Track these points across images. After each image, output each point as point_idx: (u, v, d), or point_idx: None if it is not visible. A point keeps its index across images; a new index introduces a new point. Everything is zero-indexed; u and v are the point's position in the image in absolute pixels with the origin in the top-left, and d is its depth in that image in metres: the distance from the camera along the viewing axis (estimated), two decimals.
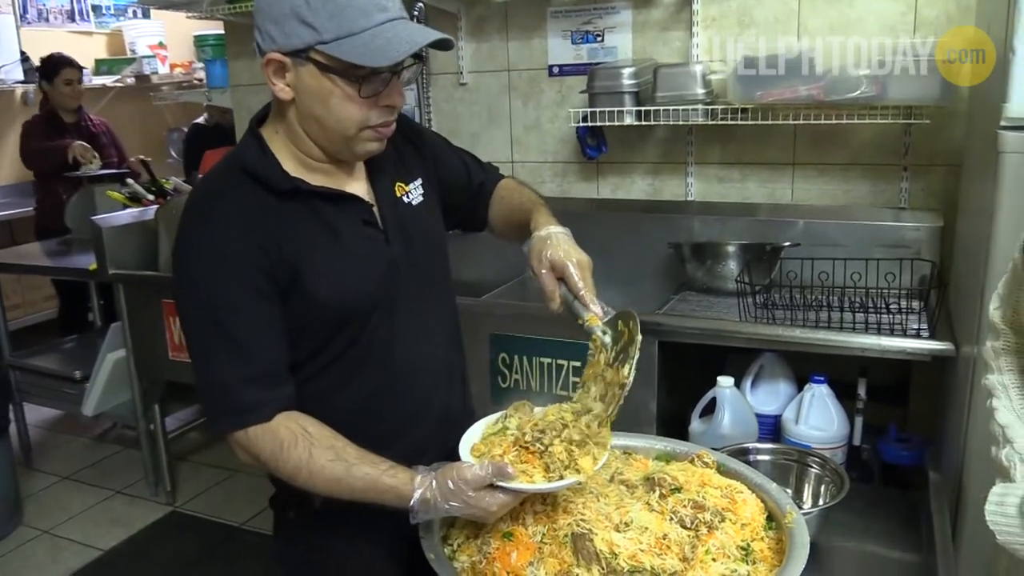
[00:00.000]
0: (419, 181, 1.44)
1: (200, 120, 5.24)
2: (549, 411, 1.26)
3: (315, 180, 1.29)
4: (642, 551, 1.13)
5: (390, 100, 1.23)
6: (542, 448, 1.16)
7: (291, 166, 1.28)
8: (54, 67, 4.69)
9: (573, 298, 1.30)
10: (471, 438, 1.26)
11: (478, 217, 1.61)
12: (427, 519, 1.17)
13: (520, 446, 1.17)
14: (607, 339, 1.26)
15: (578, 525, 1.16)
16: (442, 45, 1.22)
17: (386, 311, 1.32)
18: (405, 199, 1.40)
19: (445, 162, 1.54)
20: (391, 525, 1.24)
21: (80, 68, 4.84)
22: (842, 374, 2.18)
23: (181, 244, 1.25)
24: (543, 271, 1.32)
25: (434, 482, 1.14)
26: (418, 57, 1.22)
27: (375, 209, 1.34)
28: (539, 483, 1.13)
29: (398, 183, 1.40)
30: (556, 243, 1.34)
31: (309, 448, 1.19)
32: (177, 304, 1.26)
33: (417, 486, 1.14)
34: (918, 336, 2.01)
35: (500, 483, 1.11)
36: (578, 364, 2.30)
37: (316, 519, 1.37)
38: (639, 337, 1.20)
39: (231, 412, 1.22)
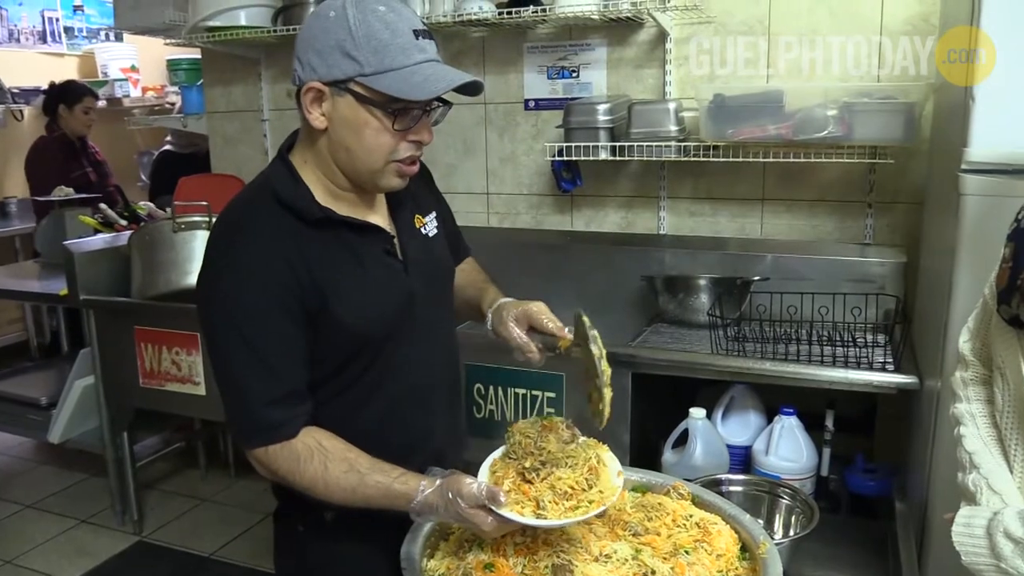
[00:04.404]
0: (433, 214, 1.52)
1: (168, 147, 5.22)
2: (578, 450, 1.27)
3: (341, 209, 1.34)
4: None
5: (419, 136, 1.29)
6: (534, 479, 1.21)
7: (320, 194, 1.33)
8: (76, 94, 4.82)
9: (549, 335, 1.43)
10: (496, 453, 1.31)
11: None
12: (428, 520, 1.24)
13: (519, 473, 1.23)
14: (594, 348, 1.34)
15: (558, 556, 1.18)
16: (473, 88, 1.29)
17: (401, 338, 1.39)
18: (423, 231, 1.47)
19: (445, 215, 1.61)
20: (399, 537, 1.27)
21: (97, 97, 5.01)
22: (810, 405, 2.23)
23: (212, 267, 1.29)
24: (514, 331, 1.45)
25: (438, 490, 1.20)
26: (444, 101, 1.29)
27: (395, 240, 1.41)
28: (527, 515, 1.17)
29: (417, 215, 1.47)
30: (509, 304, 1.49)
31: (324, 462, 1.26)
32: (205, 323, 1.29)
33: (422, 489, 1.21)
34: (884, 369, 2.07)
35: (491, 507, 1.16)
36: (552, 395, 2.33)
37: (325, 531, 1.42)
38: (589, 328, 1.35)
39: (256, 431, 1.27)
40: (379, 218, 1.41)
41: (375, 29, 1.21)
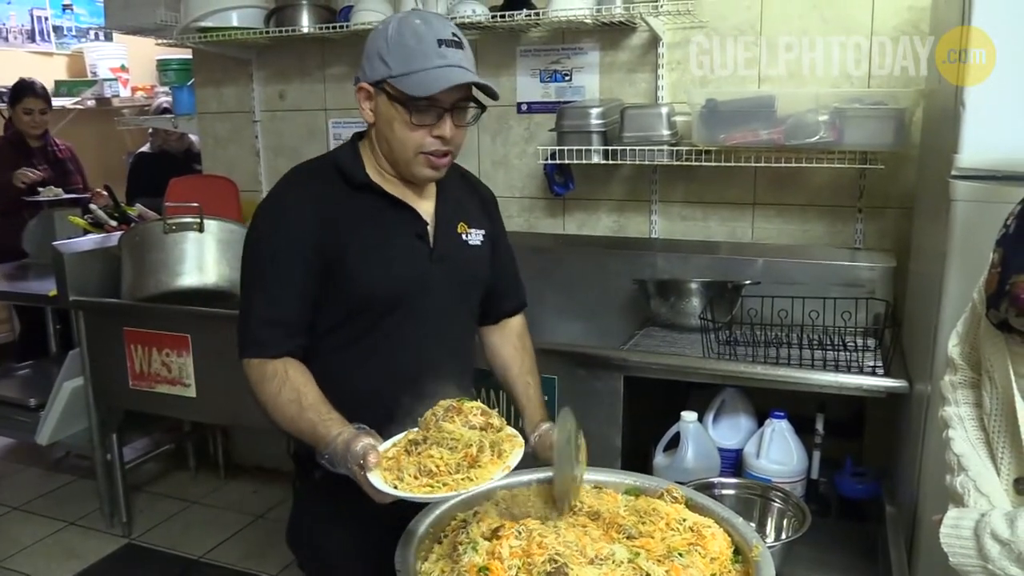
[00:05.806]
0: (483, 232, 1.66)
1: (145, 148, 5.19)
2: (468, 434, 1.29)
3: (388, 189, 1.53)
4: None
5: (440, 132, 1.46)
6: (412, 452, 1.25)
7: (372, 172, 1.54)
8: (16, 94, 4.54)
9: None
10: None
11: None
12: (336, 471, 1.30)
13: (406, 444, 1.28)
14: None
15: (553, 560, 1.18)
16: (486, 91, 1.47)
17: (407, 315, 1.53)
18: (464, 236, 1.62)
19: (498, 243, 1.72)
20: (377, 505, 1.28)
21: (46, 98, 4.64)
22: (801, 409, 2.24)
23: (264, 205, 1.53)
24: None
25: (344, 442, 1.29)
26: (478, 104, 1.49)
27: (430, 228, 1.56)
28: (387, 483, 1.21)
29: (462, 222, 1.62)
30: (549, 435, 1.59)
31: (280, 387, 1.42)
32: (243, 250, 1.53)
33: (335, 436, 1.31)
34: (873, 373, 2.08)
35: (363, 466, 1.24)
36: (545, 398, 2.32)
37: (316, 490, 1.55)
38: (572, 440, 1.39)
39: (246, 343, 1.47)
40: (422, 207, 1.56)
41: (404, 38, 1.43)
